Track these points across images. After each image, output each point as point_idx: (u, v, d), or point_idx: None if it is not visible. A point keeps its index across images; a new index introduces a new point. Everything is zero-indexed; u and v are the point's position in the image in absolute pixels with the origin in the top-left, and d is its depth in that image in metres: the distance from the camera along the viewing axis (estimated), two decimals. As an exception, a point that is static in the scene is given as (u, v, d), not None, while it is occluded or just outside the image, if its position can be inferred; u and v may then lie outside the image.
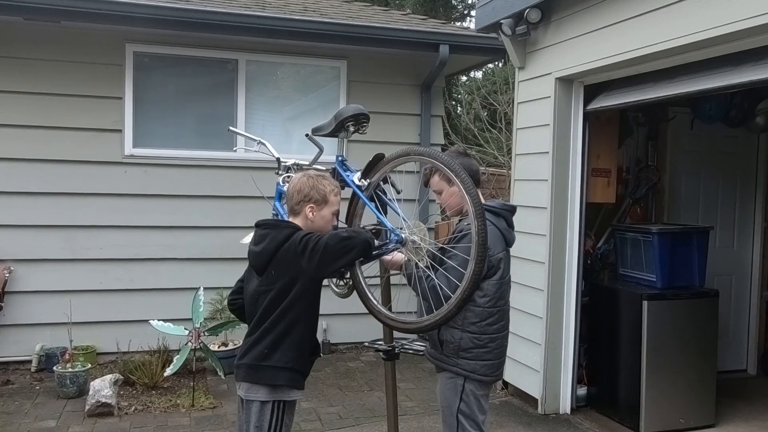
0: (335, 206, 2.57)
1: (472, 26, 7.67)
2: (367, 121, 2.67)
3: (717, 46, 3.56)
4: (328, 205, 2.54)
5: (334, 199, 2.56)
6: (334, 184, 2.58)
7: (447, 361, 2.75)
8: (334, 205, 2.56)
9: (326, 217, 2.55)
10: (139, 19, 5.54)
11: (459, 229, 2.69)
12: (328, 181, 2.57)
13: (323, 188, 2.53)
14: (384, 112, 6.41)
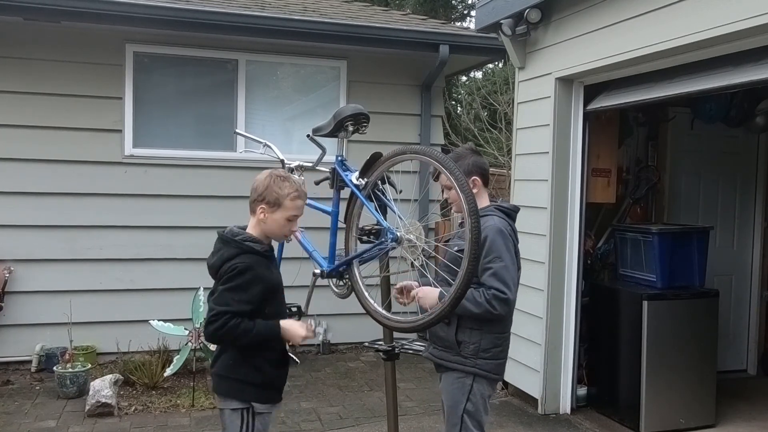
0: (291, 211, 2.47)
1: (472, 26, 7.67)
2: (367, 120, 2.67)
3: (717, 46, 3.56)
4: (282, 209, 2.45)
5: (290, 204, 2.46)
6: (295, 189, 2.47)
7: (463, 362, 2.76)
8: (289, 210, 2.46)
9: (278, 221, 2.47)
10: (139, 19, 5.55)
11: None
12: (290, 183, 2.47)
13: (279, 190, 2.44)
14: (384, 112, 6.41)
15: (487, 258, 2.69)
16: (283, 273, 3.23)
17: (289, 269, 3.23)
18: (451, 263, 2.64)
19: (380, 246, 2.53)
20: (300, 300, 3.05)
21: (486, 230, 2.69)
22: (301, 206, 2.49)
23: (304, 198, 2.51)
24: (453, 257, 2.69)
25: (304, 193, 2.51)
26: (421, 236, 2.45)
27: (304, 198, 2.51)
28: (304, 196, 2.51)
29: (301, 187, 2.50)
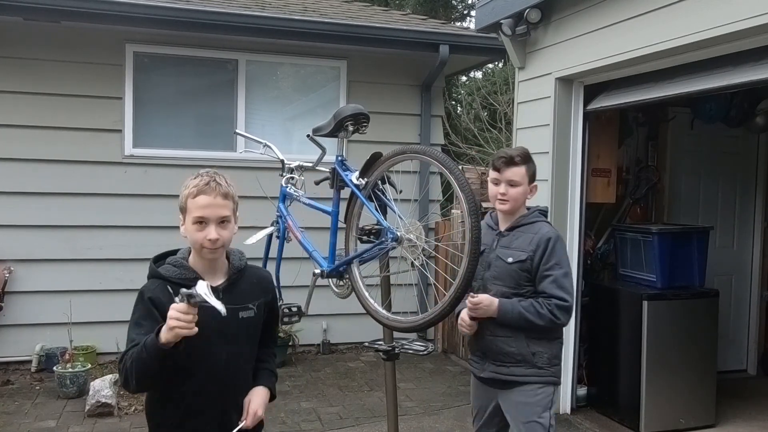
0: (193, 213, 1.96)
1: (472, 26, 7.67)
2: (367, 120, 2.67)
3: (717, 46, 3.56)
4: (188, 213, 1.99)
5: (191, 204, 1.98)
6: (195, 184, 1.99)
7: (541, 373, 2.72)
8: (191, 211, 1.97)
9: (188, 229, 2.00)
10: (139, 19, 5.55)
11: (541, 235, 2.74)
12: (194, 179, 2.02)
13: (183, 191, 2.00)
14: (384, 112, 6.41)
15: (548, 264, 2.68)
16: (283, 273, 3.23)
17: (289, 269, 3.23)
18: (508, 277, 2.71)
19: (380, 246, 2.53)
20: (300, 300, 3.06)
21: (545, 235, 2.71)
22: (204, 204, 1.95)
23: (210, 194, 1.95)
24: (508, 271, 2.72)
25: (211, 188, 1.96)
26: (421, 236, 2.45)
27: (210, 194, 1.95)
28: (209, 191, 1.95)
29: (211, 181, 1.97)
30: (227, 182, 2.02)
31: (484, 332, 2.77)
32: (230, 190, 2.01)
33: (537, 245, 2.70)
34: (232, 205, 2.03)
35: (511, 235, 2.79)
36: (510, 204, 2.75)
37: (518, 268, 2.71)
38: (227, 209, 2.01)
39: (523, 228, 2.78)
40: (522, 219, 2.81)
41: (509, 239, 2.78)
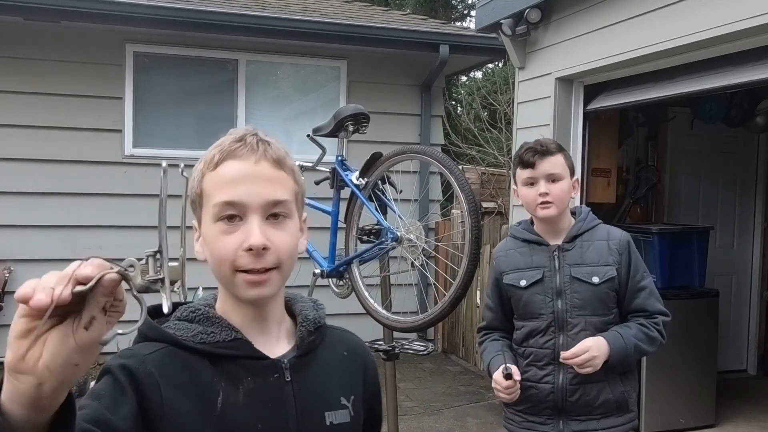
0: (214, 197, 1.03)
1: (472, 26, 7.67)
2: (367, 120, 2.67)
3: (717, 46, 3.56)
4: (204, 205, 1.05)
5: (209, 182, 1.04)
6: (220, 144, 1.05)
7: (631, 417, 2.20)
8: (210, 196, 1.03)
9: (208, 235, 1.05)
10: (139, 19, 5.55)
11: (614, 239, 2.18)
12: (226, 136, 1.10)
13: (194, 174, 1.07)
14: (384, 112, 6.41)
15: (638, 274, 2.16)
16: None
17: (289, 269, 3.25)
18: (597, 302, 2.12)
19: (380, 246, 2.53)
20: (300, 300, 3.07)
21: (623, 238, 2.19)
22: (236, 176, 1.01)
23: (248, 157, 1.02)
24: (596, 295, 2.11)
25: (250, 147, 1.03)
26: (421, 236, 2.45)
27: (248, 157, 1.02)
28: (245, 153, 1.02)
29: (249, 136, 1.05)
30: (279, 143, 1.07)
31: (560, 381, 2.11)
32: (285, 155, 1.06)
33: (619, 253, 2.15)
34: (293, 186, 1.06)
35: (576, 248, 2.17)
36: (556, 206, 2.13)
37: (608, 288, 2.12)
38: (282, 188, 1.03)
39: (586, 235, 2.19)
40: (582, 224, 2.20)
41: (576, 253, 2.16)
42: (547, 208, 2.13)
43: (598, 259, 2.14)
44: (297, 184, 1.07)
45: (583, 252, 2.16)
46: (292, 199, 1.04)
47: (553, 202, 2.12)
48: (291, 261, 1.03)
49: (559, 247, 2.18)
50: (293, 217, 1.05)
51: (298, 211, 1.07)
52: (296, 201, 1.06)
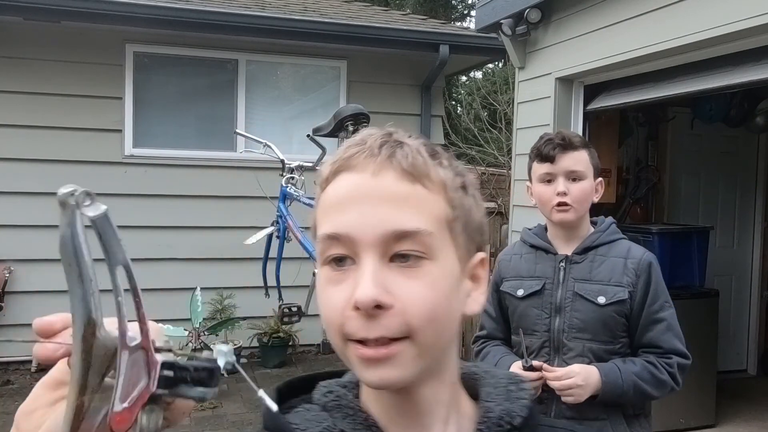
0: (322, 228, 0.69)
1: (472, 26, 7.67)
2: (367, 120, 2.68)
3: (717, 46, 3.56)
4: (317, 234, 0.73)
5: (320, 208, 0.72)
6: (341, 152, 0.72)
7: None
8: (321, 224, 0.70)
9: (320, 280, 0.71)
10: (139, 19, 5.55)
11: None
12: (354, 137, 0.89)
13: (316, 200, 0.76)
14: (384, 112, 6.39)
15: (656, 303, 1.87)
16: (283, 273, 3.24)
17: (289, 269, 3.23)
18: (600, 326, 1.82)
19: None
20: (300, 300, 3.06)
21: (644, 259, 1.88)
22: (337, 199, 0.68)
23: (365, 168, 0.68)
24: (600, 318, 1.82)
25: (370, 152, 0.69)
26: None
27: (365, 168, 0.68)
28: (347, 164, 0.69)
29: (374, 140, 0.71)
30: (423, 146, 0.71)
31: (553, 412, 1.83)
32: (427, 162, 0.69)
33: (636, 275, 1.84)
34: (441, 208, 0.69)
35: (587, 261, 1.89)
36: (575, 209, 1.87)
37: (615, 311, 1.82)
38: (414, 213, 0.67)
39: (602, 249, 1.90)
40: (600, 236, 1.92)
41: (586, 267, 1.88)
42: (565, 212, 1.86)
43: (610, 277, 1.85)
44: (451, 205, 0.68)
45: (593, 267, 1.87)
46: (435, 228, 0.66)
47: (571, 205, 1.86)
48: (433, 327, 0.65)
49: (567, 258, 1.90)
50: (438, 258, 0.66)
51: (456, 248, 0.68)
52: (449, 232, 0.68)
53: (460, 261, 0.69)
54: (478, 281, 0.72)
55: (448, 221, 0.68)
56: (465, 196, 0.70)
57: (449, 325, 0.67)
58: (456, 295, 0.68)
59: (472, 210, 0.71)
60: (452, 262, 0.68)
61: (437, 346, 0.67)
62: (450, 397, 0.72)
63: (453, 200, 0.69)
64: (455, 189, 0.69)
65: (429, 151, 0.70)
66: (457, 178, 0.70)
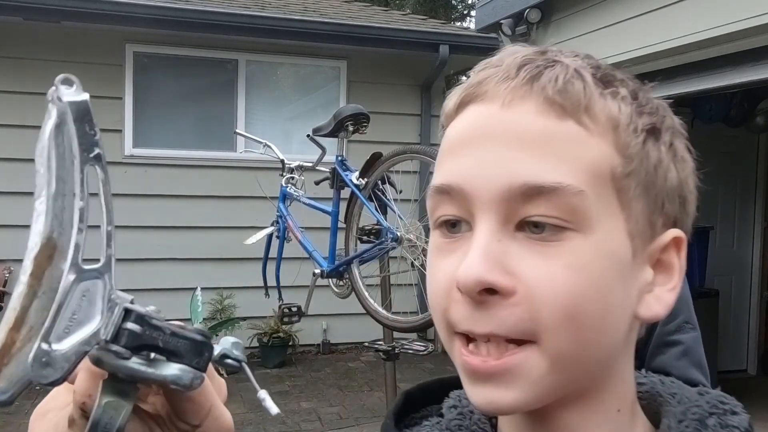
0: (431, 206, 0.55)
1: (472, 26, 7.67)
2: (367, 120, 2.68)
3: (717, 46, 3.56)
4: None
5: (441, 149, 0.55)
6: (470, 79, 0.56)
7: None
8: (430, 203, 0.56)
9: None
10: (139, 19, 5.55)
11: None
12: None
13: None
14: (384, 112, 6.41)
15: (673, 322, 1.44)
16: (283, 273, 3.24)
17: (289, 269, 3.23)
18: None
19: (380, 246, 2.54)
20: (300, 300, 3.06)
21: None
22: (455, 139, 0.50)
23: (479, 96, 0.51)
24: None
25: (478, 83, 0.52)
26: (421, 236, 2.45)
27: (479, 96, 0.51)
28: (476, 91, 0.51)
29: (483, 69, 0.55)
30: (585, 70, 0.49)
31: None
32: (587, 88, 0.48)
33: None
34: (606, 152, 0.47)
35: None
36: None
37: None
38: (556, 161, 0.46)
39: None
40: None
41: None
42: None
43: None
44: (624, 154, 0.47)
45: None
46: (590, 185, 0.46)
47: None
48: (574, 328, 0.45)
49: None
50: (591, 229, 0.46)
51: (628, 218, 0.47)
52: (616, 193, 0.47)
53: (634, 237, 0.47)
54: (666, 271, 0.50)
55: (614, 177, 0.47)
56: (653, 145, 0.49)
57: (605, 327, 0.46)
58: (620, 285, 0.47)
59: (663, 166, 0.49)
60: (617, 238, 0.47)
61: (581, 357, 0.46)
62: (614, 429, 0.51)
63: (628, 146, 0.47)
64: (635, 131, 0.48)
65: (599, 74, 0.50)
66: (643, 117, 0.49)
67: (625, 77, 0.53)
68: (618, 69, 0.54)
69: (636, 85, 0.52)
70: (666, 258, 0.50)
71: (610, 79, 0.50)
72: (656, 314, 0.50)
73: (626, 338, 0.50)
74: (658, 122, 0.50)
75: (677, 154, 0.51)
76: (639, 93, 0.51)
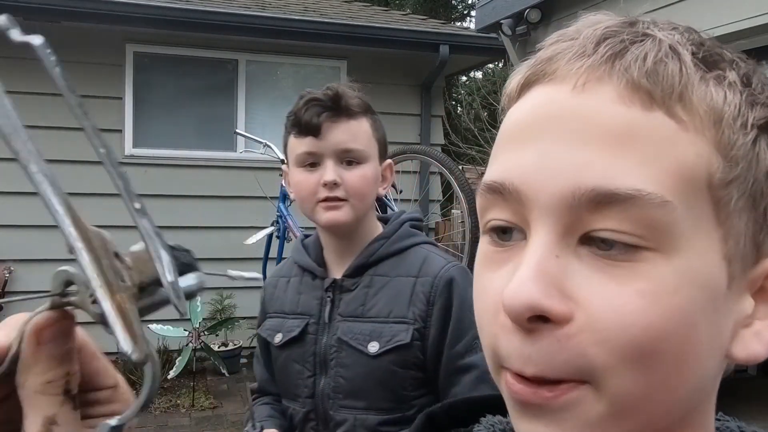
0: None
1: (472, 26, 7.67)
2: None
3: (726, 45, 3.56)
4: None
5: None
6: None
7: None
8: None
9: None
10: (139, 19, 5.55)
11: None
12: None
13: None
14: (384, 112, 6.34)
15: (460, 343, 1.21)
16: (283, 273, 3.25)
17: (289, 269, 3.24)
18: (375, 386, 1.27)
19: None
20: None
21: (443, 273, 1.26)
22: (514, 127, 0.43)
23: (549, 76, 0.45)
24: (373, 374, 1.26)
25: (549, 59, 0.48)
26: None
27: (549, 76, 0.45)
28: (546, 68, 0.47)
29: (556, 42, 0.49)
30: (683, 47, 0.44)
31: None
32: (685, 69, 0.41)
33: (427, 302, 1.23)
34: (705, 150, 0.39)
35: (361, 287, 1.29)
36: (351, 206, 1.27)
37: (395, 363, 1.23)
38: (639, 161, 0.38)
39: (384, 266, 1.29)
40: (384, 244, 1.31)
41: (358, 297, 1.29)
42: (335, 209, 1.25)
43: (390, 309, 1.23)
44: (727, 156, 0.39)
45: (370, 294, 1.26)
46: (678, 195, 0.37)
47: (345, 200, 1.25)
48: (643, 368, 0.38)
49: (334, 284, 1.30)
50: (677, 251, 0.37)
51: (725, 237, 0.39)
52: (713, 206, 0.39)
53: (732, 261, 0.38)
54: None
55: (712, 185, 0.38)
56: (767, 145, 0.39)
57: (684, 370, 0.38)
58: (710, 319, 0.38)
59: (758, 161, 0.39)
60: (710, 261, 0.38)
61: (651, 403, 0.38)
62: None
63: (732, 146, 0.38)
64: (743, 127, 0.39)
65: (701, 52, 0.42)
66: (756, 108, 0.40)
67: (737, 57, 0.45)
68: (727, 47, 0.46)
69: (749, 68, 0.44)
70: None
71: (716, 59, 0.42)
72: (755, 354, 0.40)
73: (713, 383, 0.41)
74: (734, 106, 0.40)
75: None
76: (753, 78, 0.43)
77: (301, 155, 1.30)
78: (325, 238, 1.35)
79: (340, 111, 1.31)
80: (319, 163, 1.28)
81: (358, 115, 1.37)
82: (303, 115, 1.28)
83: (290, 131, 1.33)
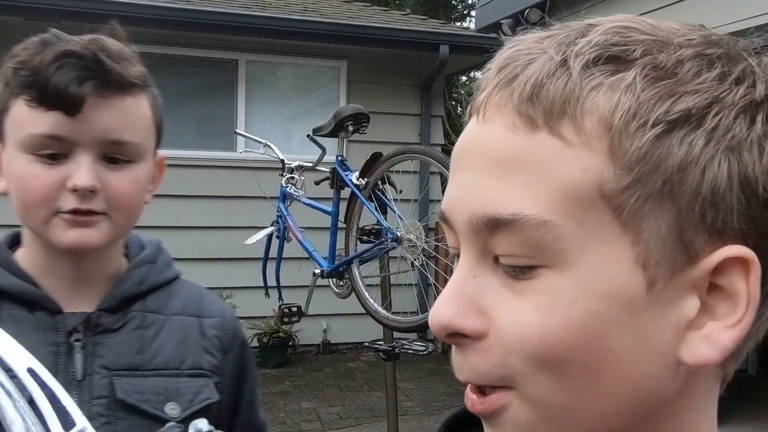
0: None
1: (472, 26, 7.68)
2: (367, 120, 2.68)
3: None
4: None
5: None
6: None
7: None
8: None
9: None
10: (139, 19, 5.55)
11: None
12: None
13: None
14: (384, 112, 6.41)
15: (257, 400, 1.06)
16: (283, 273, 3.24)
17: (289, 269, 3.23)
18: None
19: (380, 246, 2.54)
20: (300, 300, 3.06)
21: (225, 319, 1.01)
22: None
23: (473, 108, 0.44)
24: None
25: (476, 92, 0.46)
26: (421, 236, 2.45)
27: (473, 108, 0.44)
28: (476, 97, 0.44)
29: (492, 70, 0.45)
30: (589, 51, 0.41)
31: None
32: (577, 87, 0.39)
33: (222, 349, 0.97)
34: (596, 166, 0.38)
35: (131, 328, 0.91)
36: (110, 224, 0.88)
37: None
38: (516, 186, 0.40)
39: (155, 299, 0.95)
40: (149, 270, 0.97)
41: (131, 340, 0.91)
42: (85, 225, 0.85)
43: (182, 357, 0.93)
44: (619, 162, 0.38)
45: (147, 338, 0.92)
46: (559, 212, 0.39)
47: (104, 214, 0.87)
48: (551, 377, 0.40)
49: (87, 322, 0.88)
50: (569, 264, 0.39)
51: (635, 241, 0.38)
52: (613, 212, 0.38)
53: (650, 264, 0.38)
54: (726, 301, 0.39)
55: (606, 194, 0.38)
56: (685, 136, 0.37)
57: (605, 375, 0.39)
58: (628, 325, 0.38)
59: (701, 162, 0.37)
60: (614, 269, 0.38)
61: (578, 407, 0.39)
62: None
63: (626, 153, 0.37)
64: (642, 126, 0.37)
65: (612, 51, 0.40)
66: (671, 101, 0.38)
67: (687, 42, 0.43)
68: (700, 27, 0.45)
69: (696, 50, 0.41)
70: (725, 284, 0.38)
71: (637, 57, 0.39)
72: (704, 358, 0.38)
73: (673, 387, 0.40)
74: (713, 100, 0.38)
75: (741, 138, 0.38)
76: (687, 63, 0.39)
77: (37, 138, 0.82)
78: (48, 255, 0.89)
79: (114, 81, 0.87)
80: (65, 154, 0.84)
81: (136, 90, 0.96)
82: (52, 76, 0.80)
83: (17, 92, 0.83)
